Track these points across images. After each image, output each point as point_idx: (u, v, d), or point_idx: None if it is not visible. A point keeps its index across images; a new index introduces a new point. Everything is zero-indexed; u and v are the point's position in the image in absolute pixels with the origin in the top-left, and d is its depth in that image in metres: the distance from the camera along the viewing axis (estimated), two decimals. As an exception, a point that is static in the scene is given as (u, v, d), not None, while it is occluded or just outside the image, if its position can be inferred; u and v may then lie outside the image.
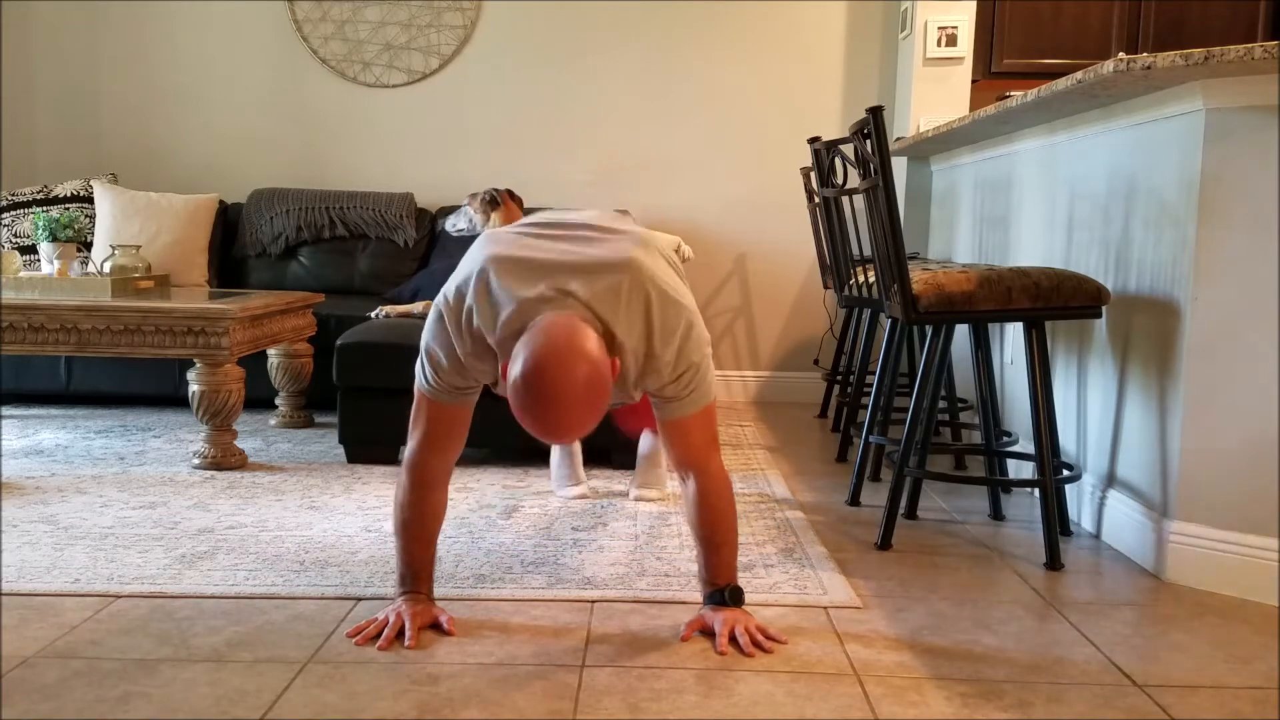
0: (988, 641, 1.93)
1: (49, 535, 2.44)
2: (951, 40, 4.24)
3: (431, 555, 1.97)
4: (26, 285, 3.27)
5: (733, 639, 1.86)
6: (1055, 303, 2.40)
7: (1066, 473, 2.57)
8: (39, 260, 4.09)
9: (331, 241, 4.44)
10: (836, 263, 3.18)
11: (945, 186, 4.24)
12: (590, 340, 1.65)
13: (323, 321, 3.88)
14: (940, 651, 1.88)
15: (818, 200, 3.45)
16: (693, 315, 1.80)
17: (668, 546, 2.44)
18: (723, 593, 1.93)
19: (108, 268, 3.50)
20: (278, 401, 3.82)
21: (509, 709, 1.62)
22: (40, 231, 3.40)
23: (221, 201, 4.50)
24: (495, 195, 3.44)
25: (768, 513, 2.77)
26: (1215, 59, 1.98)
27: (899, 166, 4.48)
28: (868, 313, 3.77)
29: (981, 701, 1.68)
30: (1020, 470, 3.08)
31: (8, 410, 3.99)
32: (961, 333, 3.67)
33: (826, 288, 4.11)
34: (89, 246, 4.23)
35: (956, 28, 4.23)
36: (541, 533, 2.53)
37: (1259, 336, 2.16)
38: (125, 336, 3.09)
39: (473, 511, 2.71)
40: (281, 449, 3.42)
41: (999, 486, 2.86)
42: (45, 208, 4.35)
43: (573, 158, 4.65)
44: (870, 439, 2.94)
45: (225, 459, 3.11)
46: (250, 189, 4.62)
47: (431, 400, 1.86)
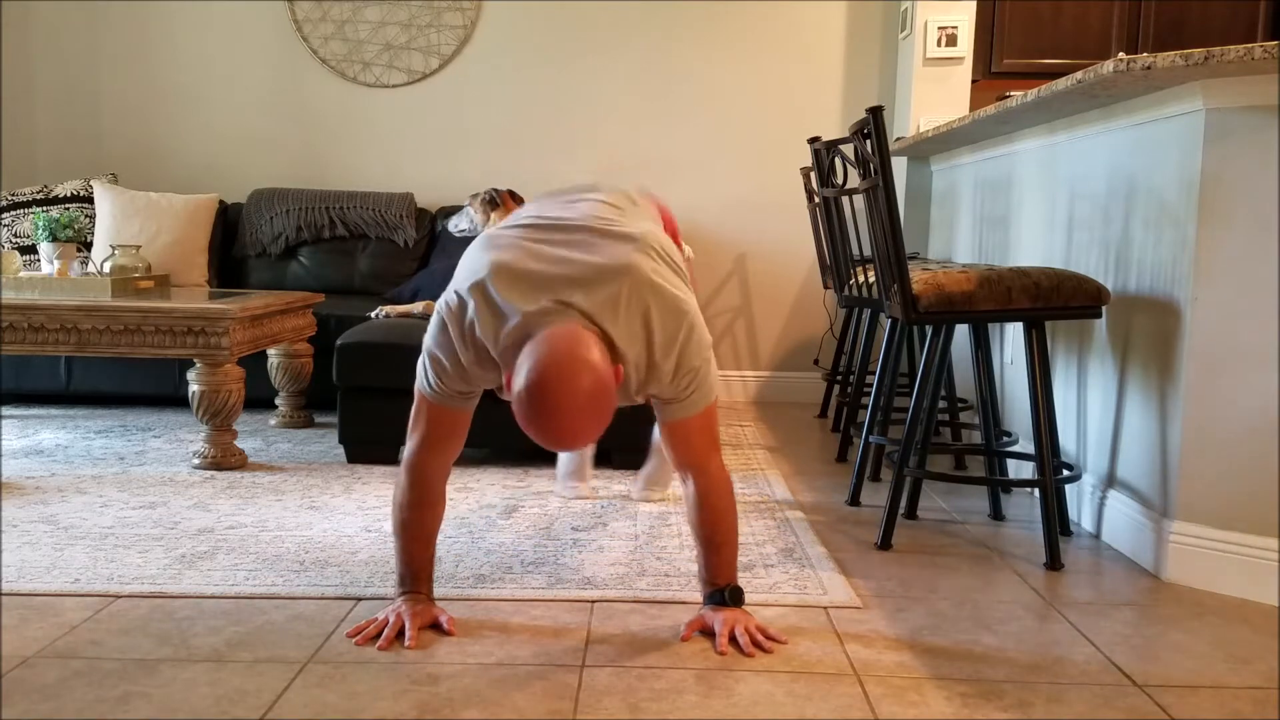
0: (988, 641, 1.93)
1: (49, 535, 2.44)
2: (951, 40, 4.24)
3: (431, 555, 1.97)
4: (26, 285, 3.27)
5: (733, 639, 1.86)
6: (1055, 303, 2.40)
7: (1066, 473, 2.57)
8: (39, 260, 4.10)
9: (331, 241, 4.44)
10: (836, 263, 3.18)
11: (945, 186, 4.24)
12: (593, 349, 1.65)
13: (323, 321, 3.88)
14: (940, 651, 1.88)
15: (818, 200, 3.45)
16: (694, 319, 1.79)
17: (668, 546, 2.44)
18: (723, 593, 1.93)
19: (108, 268, 3.50)
20: (278, 401, 3.82)
21: (509, 709, 1.62)
22: (40, 231, 3.40)
23: (221, 201, 4.50)
24: (495, 195, 3.44)
25: (768, 513, 2.77)
26: (1215, 59, 1.98)
27: (899, 166, 4.48)
28: (868, 313, 3.77)
29: (981, 701, 1.68)
30: (1020, 470, 3.08)
31: (8, 410, 3.99)
32: (961, 333, 3.67)
33: (826, 288, 4.11)
34: (89, 246, 4.23)
35: (956, 28, 4.23)
36: (541, 533, 2.53)
37: (1259, 336, 2.16)
38: (125, 336, 3.09)
39: (473, 511, 2.71)
40: (281, 449, 3.42)
41: (999, 486, 2.86)
42: (45, 208, 4.35)
43: (573, 158, 4.65)
44: (870, 439, 2.94)
45: (225, 459, 3.11)
46: (250, 189, 4.62)
47: (433, 403, 1.86)
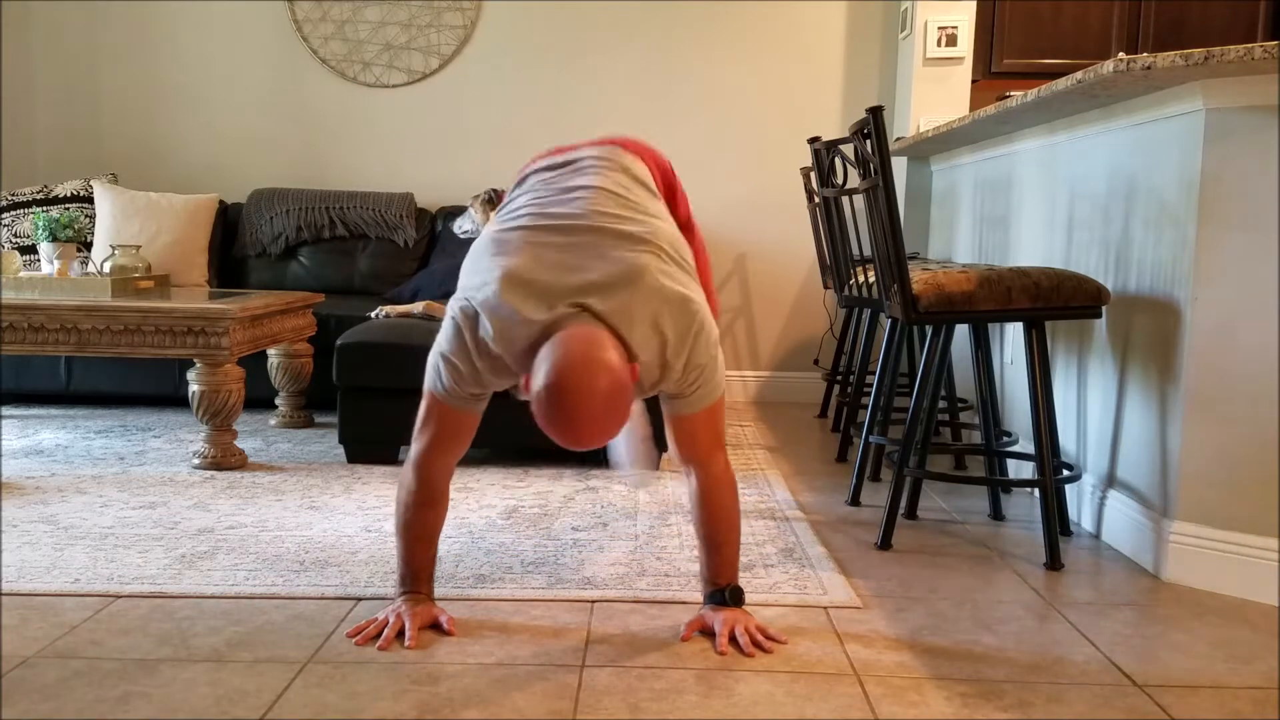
0: (988, 641, 1.93)
1: (49, 535, 2.44)
2: (951, 40, 4.24)
3: (432, 555, 1.97)
4: (26, 285, 3.27)
5: (733, 639, 1.86)
6: (1055, 303, 2.40)
7: (1066, 473, 2.57)
8: (39, 260, 4.09)
9: (331, 241, 4.44)
10: (836, 263, 3.18)
11: (945, 186, 4.24)
12: (610, 349, 1.65)
13: (323, 321, 3.88)
14: (940, 651, 1.88)
15: (818, 200, 3.45)
16: (703, 317, 1.79)
17: (668, 546, 2.44)
18: (723, 592, 1.93)
19: (108, 268, 3.49)
20: (278, 401, 3.82)
21: (509, 709, 1.62)
22: (40, 231, 3.40)
23: (221, 201, 4.50)
24: (494, 195, 3.45)
25: (768, 512, 2.77)
26: (1215, 59, 1.98)
27: (899, 166, 4.48)
28: (868, 313, 3.77)
29: (981, 701, 1.68)
30: (1020, 470, 3.08)
31: (8, 410, 3.99)
32: (961, 333, 3.67)
33: (826, 288, 4.11)
34: (89, 246, 4.23)
35: (956, 28, 4.23)
36: (541, 533, 2.53)
37: (1259, 336, 2.16)
38: (125, 336, 3.09)
39: (473, 511, 2.71)
40: (281, 449, 3.42)
41: (999, 486, 2.86)
42: (45, 208, 4.35)
43: (573, 158, 4.64)
44: (870, 439, 2.94)
45: (225, 459, 3.11)
46: (250, 189, 4.62)
47: (445, 405, 1.86)
